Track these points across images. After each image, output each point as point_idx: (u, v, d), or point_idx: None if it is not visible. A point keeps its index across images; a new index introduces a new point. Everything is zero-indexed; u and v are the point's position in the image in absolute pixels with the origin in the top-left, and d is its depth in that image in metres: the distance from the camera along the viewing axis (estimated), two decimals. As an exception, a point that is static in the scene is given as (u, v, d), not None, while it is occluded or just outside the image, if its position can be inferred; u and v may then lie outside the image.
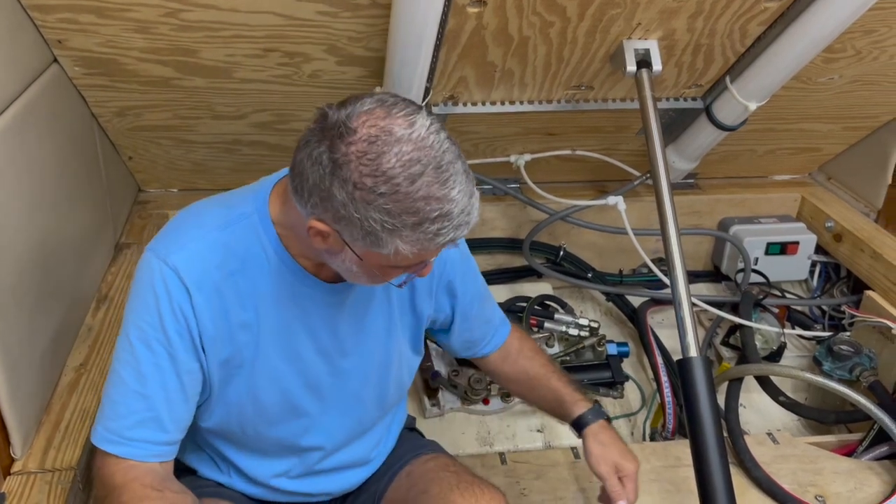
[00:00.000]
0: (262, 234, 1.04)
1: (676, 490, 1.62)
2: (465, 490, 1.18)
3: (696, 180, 2.22)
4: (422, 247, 0.91)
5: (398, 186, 0.87)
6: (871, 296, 1.88)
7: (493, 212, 2.13)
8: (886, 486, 1.67)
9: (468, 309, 1.28)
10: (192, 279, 1.01)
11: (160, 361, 1.02)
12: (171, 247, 1.03)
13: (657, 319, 2.13)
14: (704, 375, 1.25)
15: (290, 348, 1.10)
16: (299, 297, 1.07)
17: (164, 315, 1.01)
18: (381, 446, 1.31)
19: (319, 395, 1.15)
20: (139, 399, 1.02)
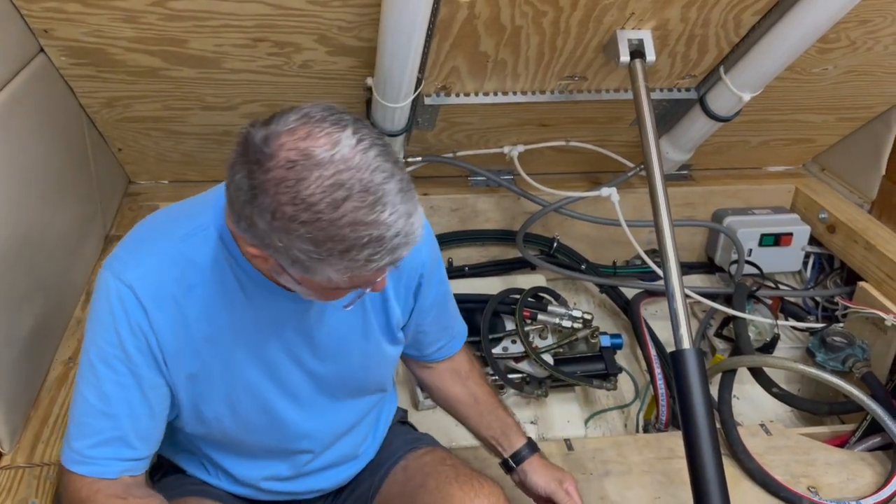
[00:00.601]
0: (221, 243, 1.01)
1: (669, 482, 1.62)
2: (464, 483, 1.17)
3: (690, 171, 2.22)
4: (354, 274, 0.86)
5: (320, 214, 0.81)
6: (864, 287, 1.87)
7: (487, 203, 2.12)
8: (879, 476, 1.67)
9: (428, 311, 1.23)
10: (149, 296, 0.98)
11: (122, 380, 1.00)
12: (127, 263, 1.00)
13: (651, 311, 2.13)
14: (697, 368, 1.24)
15: (262, 358, 1.07)
16: (265, 307, 1.04)
17: (123, 333, 0.99)
18: (370, 440, 1.30)
19: (298, 401, 1.13)
20: (103, 418, 1.01)
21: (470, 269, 2.13)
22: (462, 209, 2.10)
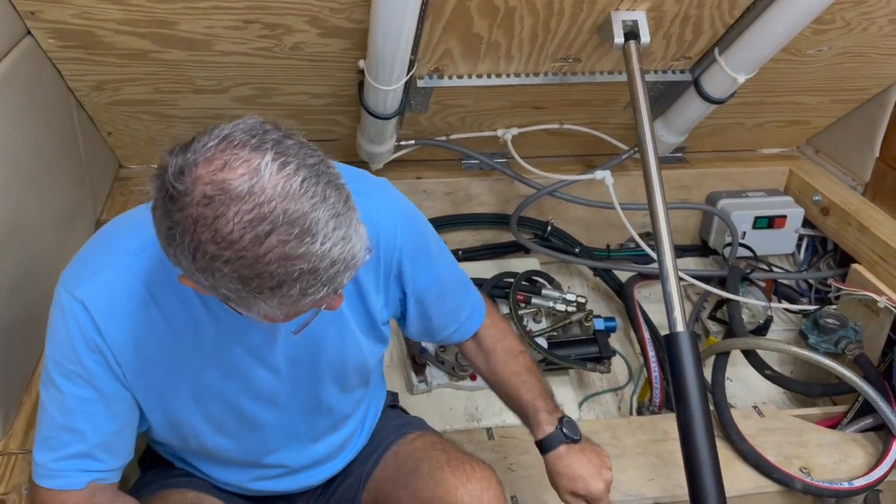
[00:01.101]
0: None
1: (663, 463, 1.63)
2: (455, 468, 1.17)
3: (684, 154, 2.21)
4: (290, 308, 0.81)
5: (243, 251, 0.74)
6: (857, 269, 1.88)
7: (481, 187, 2.11)
8: (871, 457, 1.68)
9: (423, 297, 1.17)
10: (101, 311, 0.95)
11: (84, 394, 0.98)
12: (80, 277, 0.97)
13: (644, 294, 2.13)
14: (691, 350, 1.25)
15: (231, 369, 1.04)
16: (230, 317, 0.98)
17: (79, 349, 0.96)
18: (359, 434, 1.29)
19: (274, 403, 1.11)
20: (67, 433, 0.99)
21: (463, 253, 2.12)
22: (455, 193, 2.09)
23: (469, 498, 1.13)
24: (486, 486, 1.15)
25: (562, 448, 1.20)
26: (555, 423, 1.22)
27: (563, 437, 1.20)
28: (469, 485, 1.14)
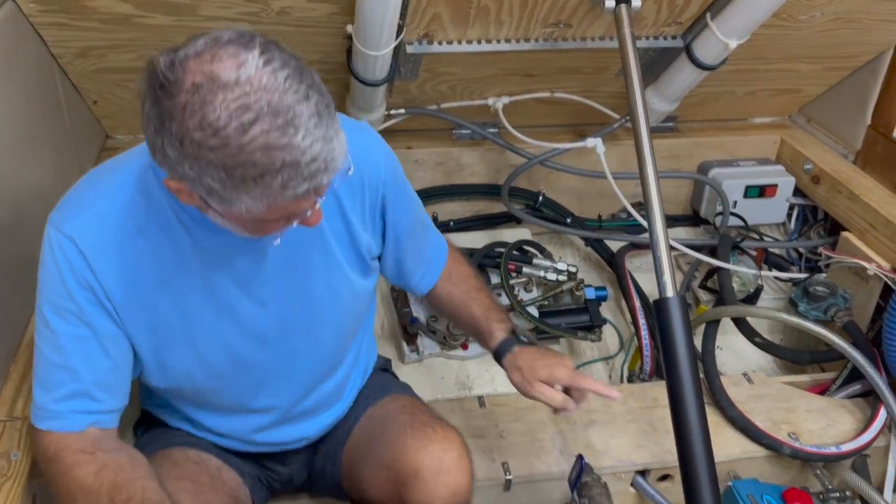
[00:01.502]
0: (159, 187, 0.98)
1: (653, 430, 1.64)
2: (417, 431, 1.17)
3: (676, 124, 2.20)
4: (272, 201, 0.83)
5: (228, 138, 0.78)
6: (847, 237, 1.88)
7: (472, 157, 2.10)
8: (859, 423, 1.70)
9: (401, 236, 1.20)
10: (90, 246, 0.97)
11: (77, 332, 0.99)
12: (67, 214, 0.99)
13: (636, 264, 2.13)
14: (681, 315, 1.25)
15: (219, 303, 1.05)
16: (214, 249, 1.02)
17: (70, 285, 0.98)
18: (352, 383, 1.29)
19: (265, 341, 1.11)
20: (62, 372, 1.00)
21: (455, 224, 2.11)
22: (446, 163, 2.08)
23: (429, 460, 1.13)
24: (446, 448, 1.15)
25: (516, 348, 1.23)
26: (507, 330, 1.26)
27: (516, 340, 1.24)
28: (429, 447, 1.14)
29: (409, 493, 1.13)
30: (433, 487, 1.12)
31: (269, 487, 1.30)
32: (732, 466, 1.62)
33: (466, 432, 1.59)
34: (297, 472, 1.31)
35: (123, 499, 0.95)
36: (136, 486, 0.96)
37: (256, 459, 1.26)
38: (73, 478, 0.97)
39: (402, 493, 1.14)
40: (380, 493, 1.18)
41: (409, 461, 1.14)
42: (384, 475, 1.17)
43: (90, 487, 0.96)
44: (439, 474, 1.12)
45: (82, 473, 0.97)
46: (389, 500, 1.17)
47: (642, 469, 1.59)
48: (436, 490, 1.12)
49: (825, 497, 1.55)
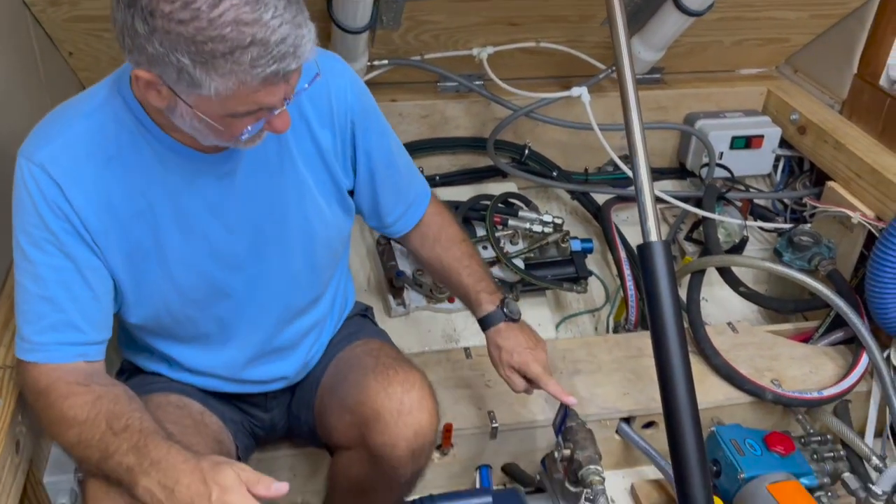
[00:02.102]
0: (129, 112, 0.99)
1: (638, 378, 1.65)
2: (379, 374, 1.17)
3: (662, 75, 2.18)
4: (240, 80, 0.85)
5: (199, 11, 0.81)
6: (832, 186, 1.88)
7: (457, 109, 2.07)
8: (840, 369, 1.72)
9: (374, 167, 1.19)
10: (62, 173, 0.97)
11: (55, 262, 0.99)
12: (37, 143, 0.99)
13: (622, 217, 2.13)
14: (664, 259, 1.24)
15: (193, 229, 1.06)
16: (186, 174, 1.03)
17: (45, 215, 0.98)
18: (329, 320, 1.29)
19: (241, 269, 1.11)
20: (43, 303, 0.99)
21: (440, 179, 2.09)
22: (431, 116, 2.05)
23: (389, 402, 1.13)
24: (406, 389, 1.15)
25: (501, 325, 1.28)
26: (496, 303, 1.29)
27: (503, 315, 1.28)
28: (389, 389, 1.14)
29: (371, 436, 1.13)
30: (395, 428, 1.12)
31: (252, 434, 1.31)
32: (716, 413, 1.64)
33: (453, 382, 1.61)
34: (278, 418, 1.32)
35: (121, 426, 0.95)
36: (134, 416, 0.96)
37: (237, 405, 1.27)
38: (69, 406, 0.97)
39: (365, 435, 1.14)
40: (345, 438, 1.19)
41: (371, 403, 1.14)
42: (348, 419, 1.17)
43: (87, 415, 0.96)
44: (401, 415, 1.13)
45: (78, 402, 0.97)
46: (354, 444, 1.18)
47: (627, 416, 1.61)
48: (398, 431, 1.12)
49: (806, 441, 1.58)
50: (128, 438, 0.93)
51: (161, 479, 0.89)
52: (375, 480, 1.18)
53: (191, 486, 0.88)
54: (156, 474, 0.90)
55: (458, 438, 1.54)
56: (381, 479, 1.17)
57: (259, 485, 0.88)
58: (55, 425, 0.98)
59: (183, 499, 0.87)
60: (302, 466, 1.51)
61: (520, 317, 1.30)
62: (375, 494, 1.21)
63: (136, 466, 0.91)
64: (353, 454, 1.19)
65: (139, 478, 0.90)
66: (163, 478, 0.89)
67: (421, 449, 1.16)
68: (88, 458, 0.96)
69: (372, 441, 1.13)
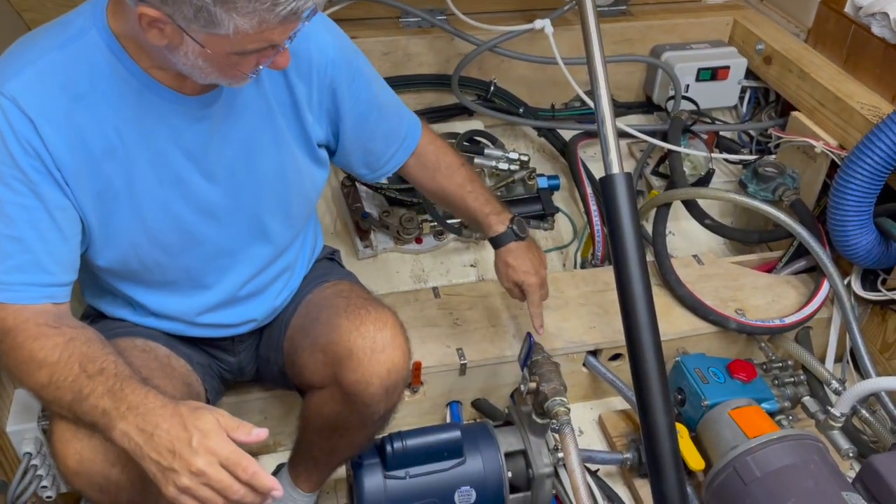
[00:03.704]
0: (105, 47, 0.96)
1: (604, 312, 1.67)
2: (351, 313, 1.17)
3: (628, 6, 2.14)
4: (261, 19, 0.85)
5: None
6: (796, 116, 1.88)
7: (420, 46, 2.03)
8: (802, 297, 1.75)
9: (364, 118, 1.20)
10: (34, 107, 0.94)
11: (24, 201, 0.96)
12: (7, 74, 0.94)
13: (589, 153, 2.12)
14: (626, 192, 1.24)
15: (167, 172, 1.03)
16: (163, 114, 1.00)
17: (14, 151, 0.94)
18: (299, 266, 1.28)
19: (214, 217, 1.10)
20: (10, 242, 0.97)
21: (405, 118, 2.06)
22: (393, 53, 2.01)
23: (361, 341, 1.14)
24: (379, 328, 1.15)
25: (511, 244, 1.36)
26: (506, 223, 1.36)
27: (513, 235, 1.36)
28: (362, 328, 1.15)
29: (344, 374, 1.14)
30: (368, 366, 1.13)
31: (220, 378, 1.31)
32: (682, 343, 1.67)
33: (422, 322, 1.62)
34: (245, 362, 1.32)
35: (96, 368, 0.93)
36: (109, 360, 0.95)
37: (204, 349, 1.26)
38: (40, 347, 0.95)
39: (338, 373, 1.14)
40: (317, 377, 1.19)
41: (344, 342, 1.14)
42: (320, 358, 1.18)
43: (59, 356, 0.94)
44: (373, 353, 1.13)
45: (49, 344, 0.95)
46: (326, 383, 1.18)
47: (593, 349, 1.63)
48: (371, 368, 1.13)
49: (768, 367, 1.61)
50: (103, 382, 0.92)
51: (139, 423, 0.88)
52: (349, 418, 1.19)
53: (170, 431, 0.87)
54: (133, 419, 0.89)
55: (428, 376, 1.55)
56: (355, 416, 1.18)
57: (239, 430, 0.88)
58: (23, 365, 0.96)
59: (162, 443, 0.87)
60: (272, 409, 1.52)
61: (527, 234, 1.38)
62: (348, 432, 1.23)
63: (112, 410, 0.90)
64: (325, 393, 1.20)
65: (116, 422, 0.90)
66: (141, 422, 0.88)
67: (394, 386, 1.17)
68: (59, 399, 0.95)
69: (345, 379, 1.14)
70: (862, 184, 1.55)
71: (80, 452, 0.99)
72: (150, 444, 0.87)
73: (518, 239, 1.36)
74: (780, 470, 1.28)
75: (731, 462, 1.32)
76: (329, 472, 1.33)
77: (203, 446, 0.85)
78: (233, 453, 0.86)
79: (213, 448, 0.86)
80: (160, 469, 0.87)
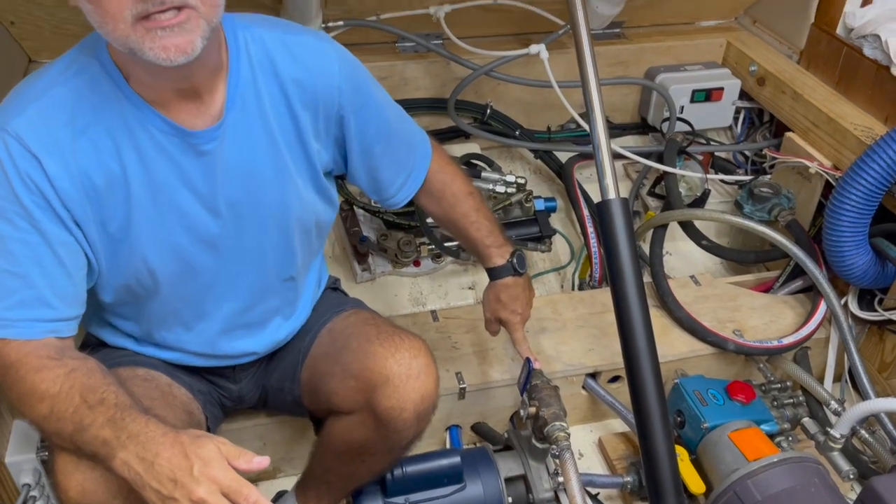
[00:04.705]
0: (108, 80, 0.97)
1: (602, 334, 1.67)
2: (384, 340, 1.18)
3: (622, 30, 2.16)
4: None
5: None
6: (790, 137, 1.89)
7: (416, 71, 2.04)
8: (800, 317, 1.75)
9: (371, 145, 1.18)
10: (39, 143, 0.94)
11: (26, 237, 0.96)
12: (11, 111, 0.95)
13: (585, 175, 2.13)
14: (623, 216, 1.24)
15: (168, 203, 1.04)
16: (165, 148, 1.01)
17: (16, 187, 0.95)
18: (303, 299, 1.28)
19: (214, 248, 1.10)
20: (13, 279, 0.97)
21: (402, 141, 2.07)
22: (390, 77, 2.02)
23: (398, 367, 1.15)
24: (414, 355, 1.17)
25: (508, 279, 1.36)
26: (505, 257, 1.35)
27: (511, 269, 1.35)
28: (398, 354, 1.16)
29: (379, 400, 1.15)
30: (404, 392, 1.15)
31: (220, 405, 1.30)
32: (680, 365, 1.67)
33: (419, 345, 1.61)
34: (247, 390, 1.31)
35: (96, 399, 0.93)
36: (110, 390, 0.95)
37: (205, 376, 1.26)
38: (41, 379, 0.95)
39: (372, 399, 1.15)
40: (347, 403, 1.20)
41: (379, 368, 1.15)
42: (352, 384, 1.18)
43: (60, 388, 0.94)
44: (409, 379, 1.15)
45: (50, 375, 0.95)
46: (356, 408, 1.19)
47: (593, 372, 1.64)
48: (406, 395, 1.15)
49: (767, 388, 1.61)
50: (104, 412, 0.92)
51: (139, 452, 0.88)
52: (376, 444, 1.21)
53: (171, 460, 0.87)
54: (134, 447, 0.89)
55: (427, 400, 1.55)
56: (383, 442, 1.20)
57: (240, 459, 0.88)
58: (25, 398, 0.96)
59: (163, 472, 0.86)
60: (272, 435, 1.51)
61: (525, 270, 1.38)
62: (372, 458, 1.24)
63: (112, 440, 0.90)
64: (353, 418, 1.20)
65: (116, 451, 0.89)
66: (141, 451, 0.88)
67: (426, 413, 1.20)
68: (60, 431, 0.95)
69: (380, 405, 1.15)
70: (857, 204, 1.56)
71: (82, 484, 0.99)
72: (151, 473, 0.87)
73: (516, 274, 1.35)
74: (780, 493, 1.28)
75: (732, 486, 1.32)
76: (341, 497, 1.33)
77: (204, 475, 0.85)
78: (234, 481, 0.86)
79: (215, 476, 0.85)
80: (161, 498, 0.86)
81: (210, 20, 0.91)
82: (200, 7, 0.89)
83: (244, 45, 1.04)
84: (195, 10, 0.88)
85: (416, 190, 1.29)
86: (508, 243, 1.37)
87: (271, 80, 1.05)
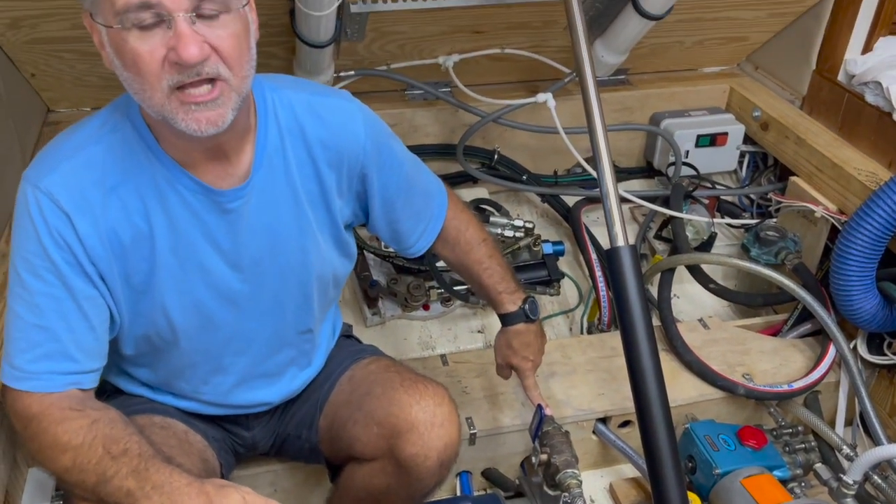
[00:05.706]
0: (139, 139, 1.00)
1: (612, 378, 1.67)
2: (409, 387, 1.19)
3: (627, 76, 2.21)
4: None
5: None
6: (795, 181, 1.92)
7: (425, 118, 2.08)
8: (809, 360, 1.75)
9: (392, 200, 1.21)
10: (69, 202, 0.97)
11: (53, 291, 0.98)
12: (43, 170, 0.98)
13: (592, 218, 2.15)
14: (632, 263, 1.26)
15: (191, 259, 1.06)
16: (191, 205, 1.03)
17: (46, 243, 0.97)
18: (319, 349, 1.29)
19: (235, 303, 1.11)
20: (38, 332, 0.99)
21: (411, 186, 2.10)
22: (400, 124, 2.06)
23: (423, 414, 1.16)
24: (438, 403, 1.18)
25: (520, 326, 1.36)
26: (517, 303, 1.35)
27: (523, 316, 1.35)
28: (423, 402, 1.17)
29: (403, 447, 1.16)
30: (428, 439, 1.16)
31: (234, 452, 1.31)
32: (690, 409, 1.66)
33: (430, 390, 1.61)
34: (260, 437, 1.32)
35: (119, 450, 0.94)
36: (133, 440, 0.96)
37: (219, 424, 1.27)
38: (64, 430, 0.96)
39: (396, 446, 1.16)
40: (370, 450, 1.20)
41: (404, 415, 1.16)
42: (375, 431, 1.19)
43: (83, 439, 0.95)
44: (433, 427, 1.16)
45: (74, 427, 0.96)
46: (378, 455, 1.20)
47: (603, 416, 1.63)
48: (430, 442, 1.16)
49: (778, 433, 1.61)
50: (127, 462, 0.93)
51: (164, 502, 0.89)
52: (397, 491, 1.21)
53: None
54: (158, 498, 0.89)
55: (437, 446, 1.55)
56: (404, 489, 1.20)
57: None
58: (47, 450, 0.97)
59: None
60: (283, 481, 1.51)
61: (538, 317, 1.38)
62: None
63: (136, 490, 0.91)
64: (375, 465, 1.21)
65: (140, 502, 0.90)
66: (166, 501, 0.89)
67: (448, 460, 1.20)
68: (83, 482, 0.95)
69: (403, 452, 1.16)
70: (863, 249, 1.58)
71: None
72: None
73: (528, 321, 1.35)
74: (795, 541, 1.27)
75: (746, 533, 1.31)
76: None
77: None
78: None
79: None
80: None
81: (241, 92, 0.94)
82: (232, 80, 0.92)
83: (272, 107, 1.07)
84: (227, 82, 0.91)
85: (435, 238, 1.31)
86: (521, 290, 1.38)
87: (299, 142, 1.08)
